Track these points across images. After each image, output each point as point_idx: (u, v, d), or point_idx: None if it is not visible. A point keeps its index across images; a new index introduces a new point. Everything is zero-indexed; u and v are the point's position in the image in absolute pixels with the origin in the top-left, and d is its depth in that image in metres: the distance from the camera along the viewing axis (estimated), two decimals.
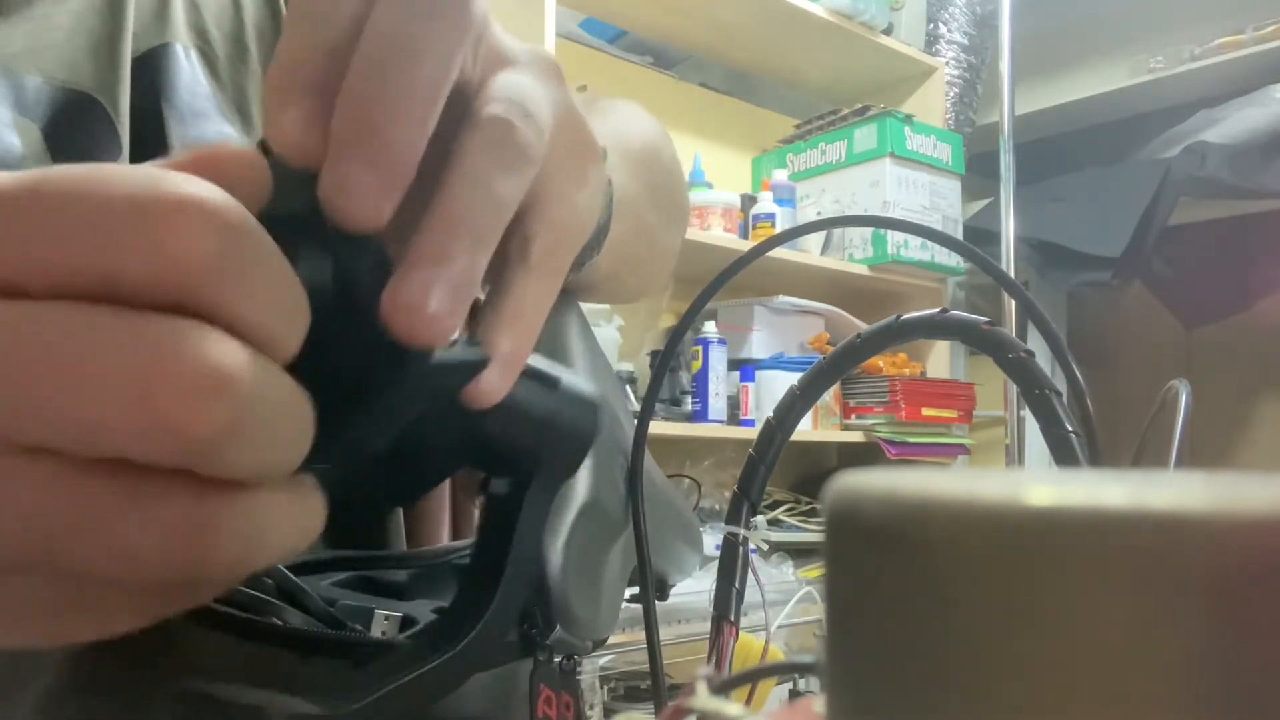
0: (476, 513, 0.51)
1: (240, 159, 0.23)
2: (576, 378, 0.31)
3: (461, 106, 0.27)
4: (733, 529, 0.46)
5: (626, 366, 2.00)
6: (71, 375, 0.19)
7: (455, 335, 0.26)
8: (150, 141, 0.44)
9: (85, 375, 0.19)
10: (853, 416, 2.22)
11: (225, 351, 0.19)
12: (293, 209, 0.24)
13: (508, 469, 0.31)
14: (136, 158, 0.43)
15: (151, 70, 0.45)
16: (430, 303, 0.23)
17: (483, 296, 0.28)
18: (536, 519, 0.31)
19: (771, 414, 0.47)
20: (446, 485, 0.53)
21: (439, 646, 0.30)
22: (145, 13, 0.46)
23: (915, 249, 2.25)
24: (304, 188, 0.24)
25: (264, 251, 0.21)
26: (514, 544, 0.31)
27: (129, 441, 0.19)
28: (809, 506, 2.19)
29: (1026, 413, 1.76)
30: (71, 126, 0.42)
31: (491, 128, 0.26)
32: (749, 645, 0.52)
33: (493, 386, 0.27)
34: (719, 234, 2.04)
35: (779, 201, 2.20)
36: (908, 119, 2.27)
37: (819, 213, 2.29)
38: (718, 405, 2.02)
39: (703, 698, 0.20)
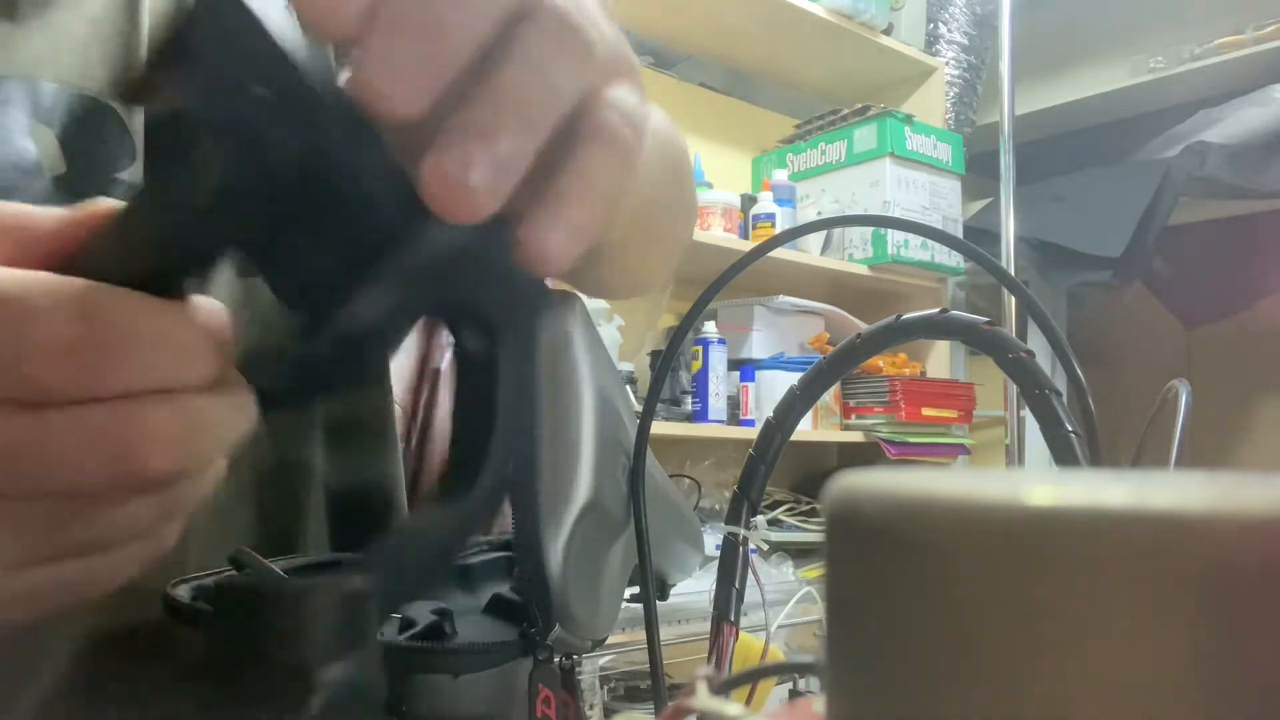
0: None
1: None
2: None
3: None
4: (733, 529, 0.46)
5: (627, 366, 1.99)
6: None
7: None
8: (164, 149, 0.44)
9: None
10: (853, 416, 2.22)
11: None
12: (296, 86, 0.22)
13: (470, 322, 0.30)
14: (150, 165, 0.44)
15: None
16: (471, 176, 0.23)
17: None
18: (515, 376, 0.30)
19: (771, 414, 0.47)
20: None
21: (441, 512, 0.29)
22: (161, 21, 0.46)
23: (915, 249, 2.25)
24: (313, 68, 0.22)
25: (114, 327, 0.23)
26: (499, 400, 0.30)
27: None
28: (809, 506, 2.19)
29: (1026, 413, 1.76)
30: (86, 132, 0.42)
31: (550, 17, 0.26)
32: (749, 645, 0.52)
33: (562, 251, 0.26)
34: (719, 234, 2.04)
35: (779, 201, 2.20)
36: (908, 119, 2.26)
37: (819, 213, 2.29)
38: (718, 405, 2.02)
39: (703, 698, 0.20)
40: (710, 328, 2.06)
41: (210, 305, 0.26)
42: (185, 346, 0.25)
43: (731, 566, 0.46)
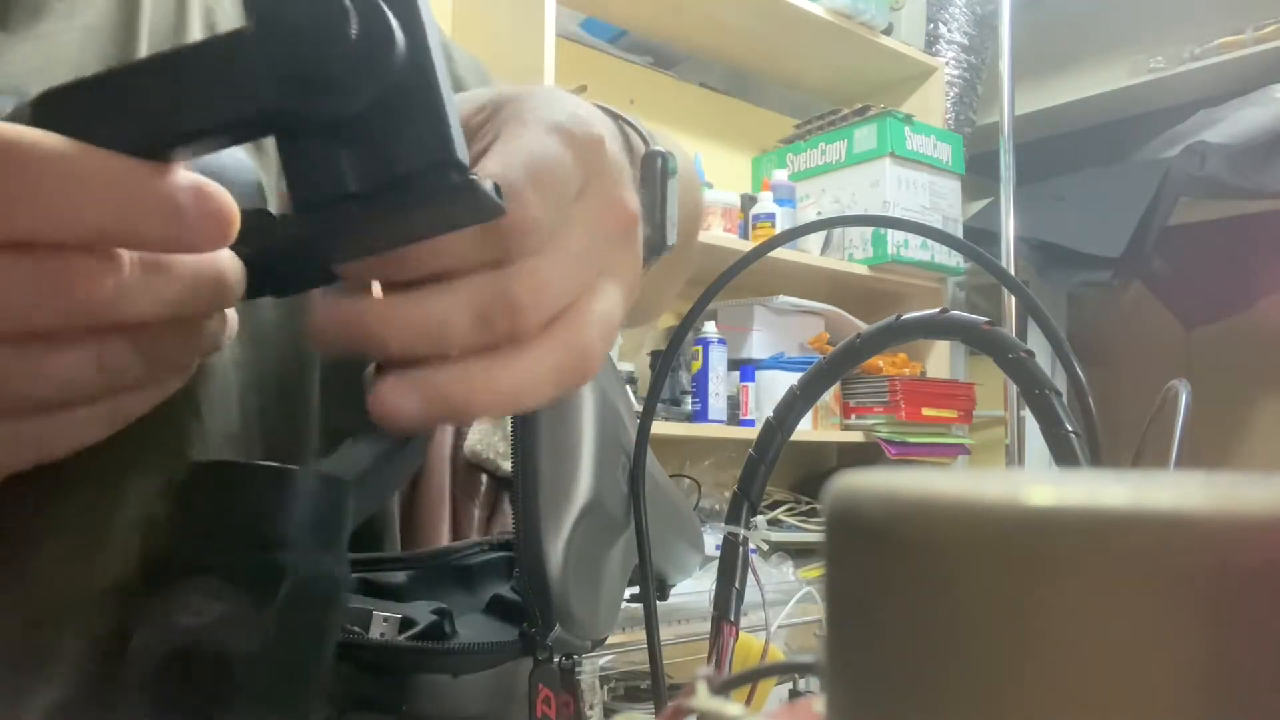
0: (476, 512, 0.51)
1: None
2: None
3: None
4: (733, 529, 0.46)
5: (627, 366, 2.00)
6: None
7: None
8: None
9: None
10: (853, 416, 2.22)
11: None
12: None
13: None
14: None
15: None
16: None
17: None
18: None
19: (771, 414, 0.47)
20: (446, 485, 0.53)
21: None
22: (160, 37, 0.45)
23: (915, 249, 2.25)
24: None
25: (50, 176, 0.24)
26: None
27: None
28: (809, 506, 2.19)
29: (1026, 413, 1.76)
30: None
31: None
32: (749, 645, 0.52)
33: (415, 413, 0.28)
34: (719, 234, 2.04)
35: (779, 201, 2.20)
36: (908, 119, 2.26)
37: (819, 213, 2.29)
38: (718, 405, 2.02)
39: (703, 698, 0.20)
40: (710, 328, 2.06)
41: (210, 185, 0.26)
42: (123, 197, 0.25)
43: (731, 566, 0.46)
